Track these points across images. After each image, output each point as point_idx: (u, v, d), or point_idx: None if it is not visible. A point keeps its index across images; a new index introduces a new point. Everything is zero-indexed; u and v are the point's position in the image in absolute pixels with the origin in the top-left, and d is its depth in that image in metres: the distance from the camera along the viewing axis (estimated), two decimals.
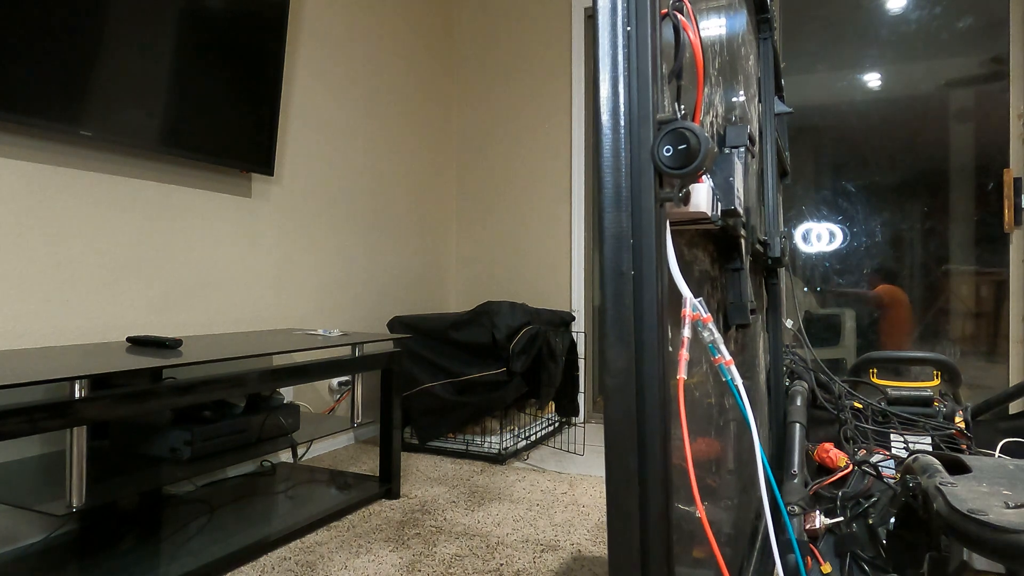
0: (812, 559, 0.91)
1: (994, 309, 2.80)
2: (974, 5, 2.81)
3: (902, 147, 2.96)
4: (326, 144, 2.67)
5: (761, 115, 1.13)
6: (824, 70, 3.09)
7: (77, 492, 1.24)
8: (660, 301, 0.35)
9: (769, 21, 1.16)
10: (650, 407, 0.35)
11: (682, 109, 0.36)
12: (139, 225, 1.92)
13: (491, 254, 3.53)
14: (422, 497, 2.10)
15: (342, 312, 2.75)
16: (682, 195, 0.36)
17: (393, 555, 1.66)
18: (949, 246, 2.88)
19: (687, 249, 0.57)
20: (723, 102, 0.66)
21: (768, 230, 1.17)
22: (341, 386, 2.67)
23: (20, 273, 1.63)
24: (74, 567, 1.52)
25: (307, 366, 1.80)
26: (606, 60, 0.35)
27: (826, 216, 3.03)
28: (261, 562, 1.61)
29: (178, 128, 1.92)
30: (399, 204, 3.14)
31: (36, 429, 1.14)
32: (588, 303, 3.33)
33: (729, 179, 0.52)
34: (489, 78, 3.55)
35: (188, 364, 1.43)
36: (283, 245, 2.45)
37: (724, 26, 0.71)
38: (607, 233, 0.35)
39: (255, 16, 2.16)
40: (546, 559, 1.64)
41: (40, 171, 1.67)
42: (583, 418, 3.14)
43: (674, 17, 0.40)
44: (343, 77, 2.76)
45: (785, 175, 1.60)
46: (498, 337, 2.50)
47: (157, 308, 1.96)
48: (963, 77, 2.86)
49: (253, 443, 1.78)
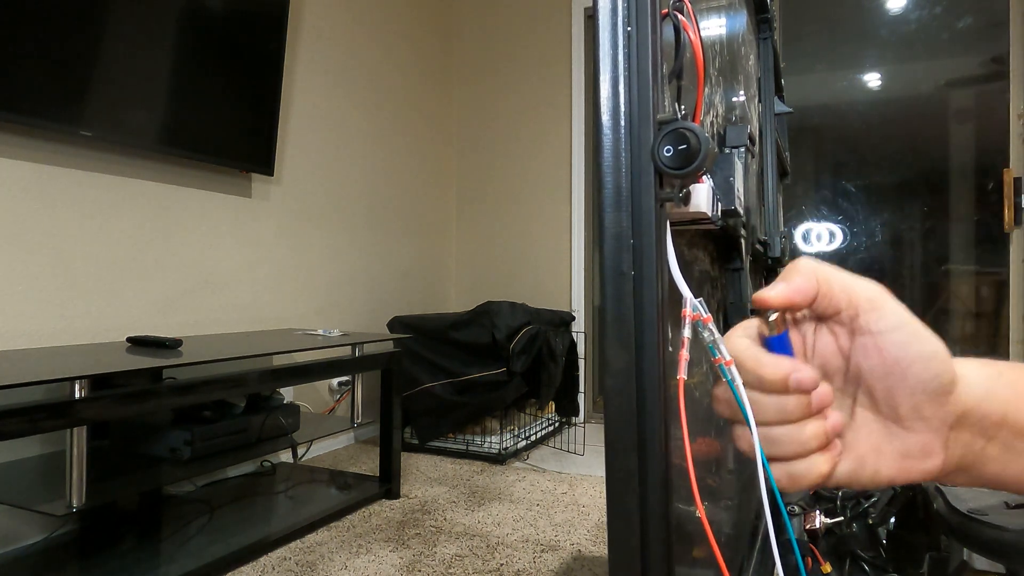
0: (812, 559, 0.91)
1: (994, 309, 2.80)
2: (974, 5, 2.81)
3: (902, 147, 2.96)
4: (326, 144, 2.67)
5: (761, 115, 1.13)
6: (824, 70, 3.09)
7: (77, 492, 1.24)
8: (660, 301, 0.35)
9: (769, 21, 1.15)
10: (650, 407, 0.35)
11: (682, 109, 0.36)
12: (139, 225, 1.92)
13: (491, 254, 3.53)
14: (422, 497, 2.10)
15: (342, 312, 2.75)
16: (682, 195, 0.36)
17: (393, 555, 1.66)
18: (949, 246, 2.88)
19: (687, 249, 0.58)
20: (723, 102, 0.66)
21: (768, 230, 1.17)
22: (341, 386, 2.67)
23: (20, 273, 1.63)
24: (74, 567, 1.52)
25: (307, 366, 1.80)
26: (606, 60, 0.35)
27: (826, 216, 3.03)
28: (261, 562, 1.61)
29: (178, 128, 1.92)
30: (399, 204, 3.14)
31: (36, 429, 1.14)
32: (588, 303, 3.32)
33: (729, 179, 0.52)
34: (489, 78, 3.55)
35: (188, 364, 1.43)
36: (283, 245, 2.45)
37: (724, 26, 0.71)
38: (607, 233, 0.35)
39: (255, 16, 2.16)
40: (546, 559, 1.64)
41: (40, 171, 1.67)
42: (583, 418, 3.14)
43: (674, 17, 0.40)
44: (343, 77, 2.76)
45: (785, 175, 1.60)
46: (498, 337, 2.50)
47: (157, 308, 1.96)
48: (963, 77, 2.86)
49: (253, 443, 1.78)
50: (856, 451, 0.34)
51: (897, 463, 0.34)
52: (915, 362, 0.32)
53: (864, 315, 0.32)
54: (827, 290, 0.33)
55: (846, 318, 0.33)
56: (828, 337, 0.34)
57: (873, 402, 0.34)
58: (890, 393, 0.33)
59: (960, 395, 0.32)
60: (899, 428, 0.33)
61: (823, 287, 0.33)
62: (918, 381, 0.32)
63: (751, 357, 0.33)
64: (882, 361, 0.32)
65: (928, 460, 0.33)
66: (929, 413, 0.32)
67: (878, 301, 0.32)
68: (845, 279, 0.33)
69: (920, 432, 0.33)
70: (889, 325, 0.32)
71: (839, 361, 0.34)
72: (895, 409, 0.33)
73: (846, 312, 0.33)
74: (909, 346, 0.32)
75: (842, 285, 0.33)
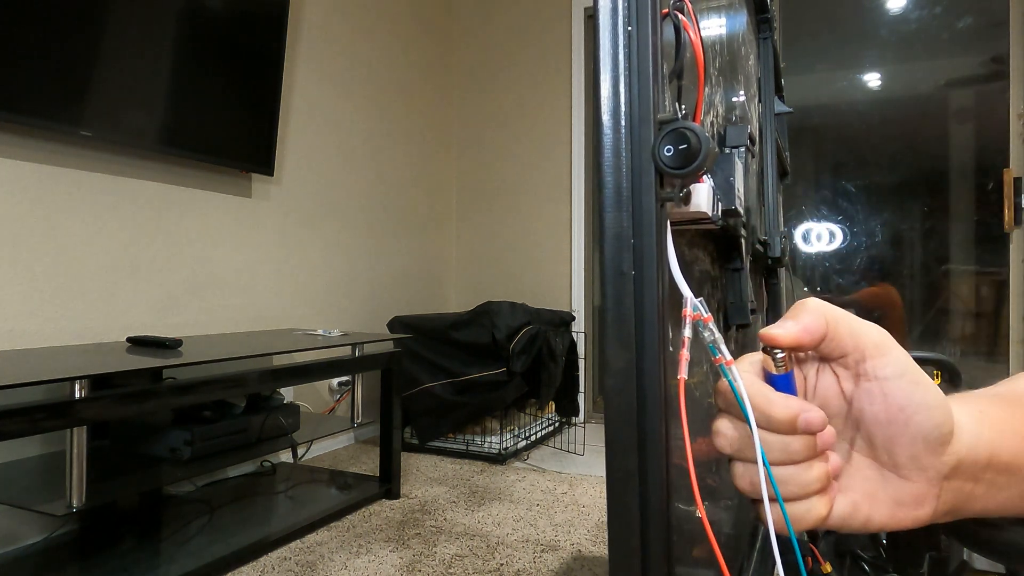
0: (812, 559, 0.91)
1: (994, 309, 2.80)
2: (974, 5, 2.81)
3: (902, 147, 2.96)
4: (326, 144, 2.67)
5: (761, 115, 1.13)
6: (824, 70, 3.09)
7: (77, 492, 1.24)
8: (661, 301, 0.35)
9: (769, 21, 1.15)
10: (651, 407, 0.35)
11: (683, 109, 0.36)
12: (139, 225, 1.92)
13: (491, 254, 3.52)
14: (422, 497, 2.10)
15: (342, 312, 2.75)
16: (683, 195, 0.36)
17: (393, 555, 1.66)
18: (949, 246, 2.88)
19: (688, 249, 0.58)
20: (723, 102, 0.66)
21: (768, 230, 1.17)
22: (341, 386, 2.67)
23: (20, 273, 1.63)
24: (74, 567, 1.52)
25: (307, 366, 1.80)
26: (606, 60, 0.35)
27: (826, 216, 3.03)
28: (261, 562, 1.61)
29: (178, 128, 1.92)
30: (399, 204, 3.14)
31: (36, 429, 1.14)
32: (588, 303, 3.32)
33: (730, 179, 0.52)
34: (490, 78, 3.55)
35: (188, 364, 1.43)
36: (283, 245, 2.45)
37: (724, 26, 0.71)
38: (608, 233, 0.35)
39: (255, 16, 2.16)
40: (546, 559, 1.64)
41: (40, 171, 1.67)
42: (583, 418, 3.14)
43: (675, 17, 0.40)
44: (343, 77, 2.76)
45: (785, 175, 1.60)
46: (498, 337, 2.50)
47: (157, 308, 1.96)
48: (963, 77, 2.86)
49: (253, 443, 1.78)
50: (850, 496, 0.34)
51: (890, 510, 0.33)
52: (919, 411, 0.31)
53: (870, 360, 0.32)
54: (835, 332, 0.32)
55: (852, 362, 0.33)
56: (830, 379, 0.34)
57: (872, 448, 0.34)
58: (890, 440, 0.32)
59: (955, 444, 0.32)
60: (895, 476, 0.33)
61: (831, 328, 0.32)
62: (920, 431, 0.31)
63: (759, 394, 0.33)
64: (885, 408, 0.32)
65: (920, 508, 0.33)
66: (927, 463, 0.32)
67: (885, 347, 0.32)
68: (852, 322, 0.33)
69: (916, 481, 0.33)
70: (894, 372, 0.32)
71: (840, 403, 0.34)
72: (893, 457, 0.33)
73: (852, 356, 0.32)
74: (913, 394, 0.31)
75: (849, 328, 0.32)
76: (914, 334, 2.91)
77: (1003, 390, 0.37)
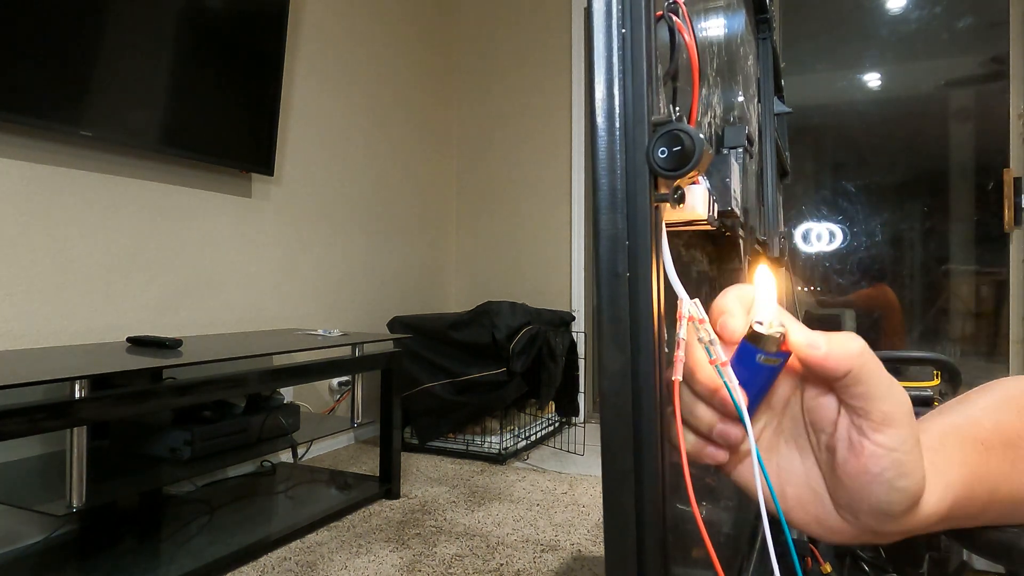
0: (812, 559, 0.91)
1: (994, 309, 2.79)
2: (974, 5, 2.81)
3: (902, 147, 2.96)
4: (326, 144, 2.67)
5: (760, 115, 1.13)
6: (824, 70, 3.08)
7: (77, 492, 1.25)
8: (656, 302, 0.35)
9: (768, 21, 1.15)
10: (646, 409, 0.35)
11: (677, 111, 0.36)
12: (139, 225, 1.92)
13: (491, 254, 3.52)
14: (422, 497, 2.10)
15: (342, 312, 2.75)
16: (677, 196, 0.36)
17: (393, 555, 1.66)
18: (949, 246, 2.88)
19: (685, 250, 0.58)
20: (722, 103, 0.66)
21: (768, 230, 1.17)
22: (341, 386, 2.67)
23: (20, 273, 1.63)
24: (74, 567, 1.52)
25: (307, 366, 1.80)
26: (600, 62, 0.35)
27: (826, 216, 3.03)
28: (261, 562, 1.61)
29: (178, 128, 1.92)
30: (399, 204, 3.14)
31: (36, 429, 1.15)
32: (588, 303, 3.32)
33: (726, 180, 0.52)
34: (490, 78, 3.55)
35: (188, 364, 1.43)
36: (283, 245, 2.45)
37: (723, 26, 0.71)
38: (602, 235, 0.35)
39: (255, 16, 2.16)
40: (546, 559, 1.64)
41: (40, 171, 1.67)
42: (583, 418, 3.14)
43: (669, 19, 0.40)
44: (343, 77, 2.76)
45: (785, 175, 1.60)
46: (498, 337, 2.50)
47: (157, 308, 1.97)
48: (963, 77, 2.86)
49: (253, 443, 1.78)
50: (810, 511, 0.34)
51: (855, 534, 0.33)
52: (879, 483, 0.30)
53: (868, 422, 0.30)
54: (856, 377, 0.30)
55: (855, 406, 0.31)
56: (832, 404, 0.32)
57: (833, 480, 0.33)
58: (850, 492, 0.32)
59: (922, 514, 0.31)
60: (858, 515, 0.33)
61: (855, 371, 0.30)
62: (877, 501, 0.31)
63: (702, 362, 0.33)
64: (856, 461, 0.31)
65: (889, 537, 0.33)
66: (891, 528, 0.32)
67: (892, 418, 0.30)
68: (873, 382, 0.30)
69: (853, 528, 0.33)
70: (884, 442, 0.30)
71: (829, 427, 0.33)
72: (850, 505, 0.32)
73: (859, 404, 0.31)
74: (887, 469, 0.30)
75: (867, 389, 0.30)
76: (914, 334, 2.91)
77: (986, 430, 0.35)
